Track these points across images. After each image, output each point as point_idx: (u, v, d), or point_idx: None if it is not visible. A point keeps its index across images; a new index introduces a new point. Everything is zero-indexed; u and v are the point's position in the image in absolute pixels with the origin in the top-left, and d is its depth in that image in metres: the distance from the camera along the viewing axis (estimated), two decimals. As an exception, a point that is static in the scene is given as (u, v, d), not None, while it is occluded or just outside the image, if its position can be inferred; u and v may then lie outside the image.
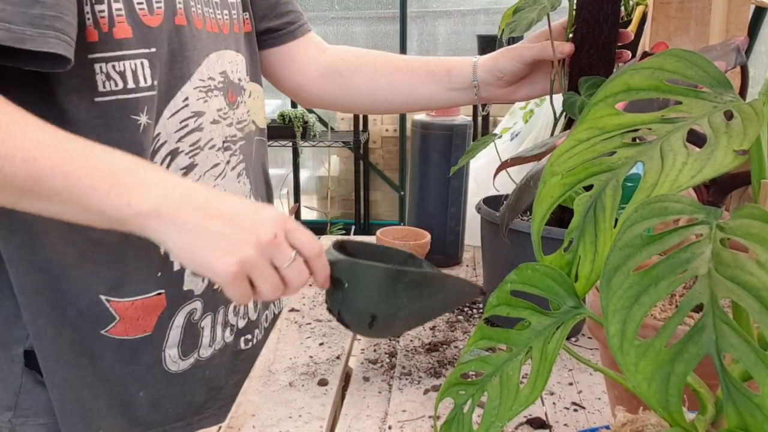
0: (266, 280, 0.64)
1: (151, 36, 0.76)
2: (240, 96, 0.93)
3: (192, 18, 0.83)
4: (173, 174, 0.74)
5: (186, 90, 0.82)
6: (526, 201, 0.73)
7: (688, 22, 1.08)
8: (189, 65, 0.82)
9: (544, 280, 0.42)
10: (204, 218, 0.62)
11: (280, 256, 0.64)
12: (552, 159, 0.42)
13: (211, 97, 0.86)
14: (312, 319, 1.04)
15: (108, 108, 0.75)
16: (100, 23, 0.72)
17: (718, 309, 0.31)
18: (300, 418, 0.77)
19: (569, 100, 0.90)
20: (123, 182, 0.62)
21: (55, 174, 0.61)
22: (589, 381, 0.85)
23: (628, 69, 0.40)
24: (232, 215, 0.63)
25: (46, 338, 0.78)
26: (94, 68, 0.73)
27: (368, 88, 1.04)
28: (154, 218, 0.62)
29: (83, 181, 0.61)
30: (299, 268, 0.66)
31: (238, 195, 0.92)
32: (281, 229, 0.65)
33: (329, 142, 3.71)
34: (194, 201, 0.63)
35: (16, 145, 0.60)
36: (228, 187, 0.90)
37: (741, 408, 0.31)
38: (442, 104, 1.03)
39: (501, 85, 0.98)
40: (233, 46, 0.92)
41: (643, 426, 0.48)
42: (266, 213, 0.66)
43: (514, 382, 0.41)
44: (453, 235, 1.24)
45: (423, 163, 1.21)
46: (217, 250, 0.62)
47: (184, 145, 0.82)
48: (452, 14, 3.85)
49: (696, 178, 0.34)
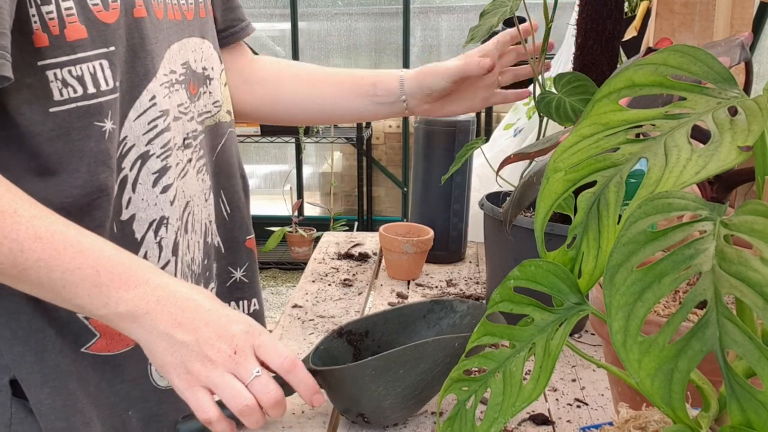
0: (224, 389, 0.65)
1: (109, 33, 0.70)
2: (204, 86, 0.88)
3: (152, 8, 0.77)
4: (157, 271, 0.68)
5: (152, 87, 0.76)
6: (529, 197, 0.73)
7: (692, 18, 1.07)
8: (153, 60, 0.76)
9: (548, 276, 0.42)
10: (172, 326, 0.65)
11: (240, 371, 0.65)
12: (555, 155, 0.42)
13: (173, 92, 0.81)
14: (315, 315, 1.04)
15: (67, 117, 0.69)
16: (50, 26, 0.66)
17: (721, 305, 0.31)
18: (303, 414, 0.77)
19: (544, 99, 0.89)
20: (104, 282, 0.64)
21: (39, 267, 0.62)
22: (592, 377, 0.85)
23: (632, 65, 0.40)
24: (200, 327, 0.65)
25: (26, 366, 0.72)
26: (47, 76, 0.67)
27: (292, 100, 1.01)
28: (128, 320, 0.65)
29: (66, 277, 0.63)
30: (262, 382, 0.65)
31: (197, 194, 0.87)
32: (247, 345, 0.66)
33: (332, 138, 3.71)
34: (169, 306, 0.65)
35: (5, 234, 0.61)
36: (188, 187, 0.84)
37: (744, 404, 0.31)
38: (371, 117, 1.02)
39: (430, 101, 0.98)
40: (197, 32, 0.86)
41: (647, 422, 0.48)
42: (235, 327, 0.67)
43: (517, 378, 0.41)
44: (456, 231, 1.24)
45: (426, 159, 1.21)
46: (175, 359, 0.65)
47: (155, 148, 0.77)
48: (455, 10, 3.84)
49: (700, 174, 0.34)
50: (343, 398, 0.72)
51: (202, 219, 0.88)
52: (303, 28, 3.87)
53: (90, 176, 0.70)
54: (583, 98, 0.87)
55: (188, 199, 0.83)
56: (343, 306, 1.07)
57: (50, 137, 0.68)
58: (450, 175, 1.09)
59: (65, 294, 0.64)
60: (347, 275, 1.20)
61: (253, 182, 4.16)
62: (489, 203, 0.99)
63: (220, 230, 0.94)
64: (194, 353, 0.65)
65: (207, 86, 0.88)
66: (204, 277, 0.90)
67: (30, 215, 0.63)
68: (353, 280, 1.18)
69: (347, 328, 0.79)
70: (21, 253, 0.61)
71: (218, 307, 0.68)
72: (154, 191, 0.77)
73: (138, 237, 0.76)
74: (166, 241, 0.78)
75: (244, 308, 1.00)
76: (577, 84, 0.88)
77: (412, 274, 1.18)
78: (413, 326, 0.82)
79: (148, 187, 0.76)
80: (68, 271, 0.63)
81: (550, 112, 0.88)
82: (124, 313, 0.65)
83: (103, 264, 0.65)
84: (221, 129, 0.92)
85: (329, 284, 1.16)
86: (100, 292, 0.64)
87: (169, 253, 0.79)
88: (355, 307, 1.07)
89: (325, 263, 1.26)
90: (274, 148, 4.06)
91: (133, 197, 0.75)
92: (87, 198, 0.71)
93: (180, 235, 0.81)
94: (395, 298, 1.11)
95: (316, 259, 1.29)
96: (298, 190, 4.00)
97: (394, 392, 0.70)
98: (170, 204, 0.79)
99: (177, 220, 0.80)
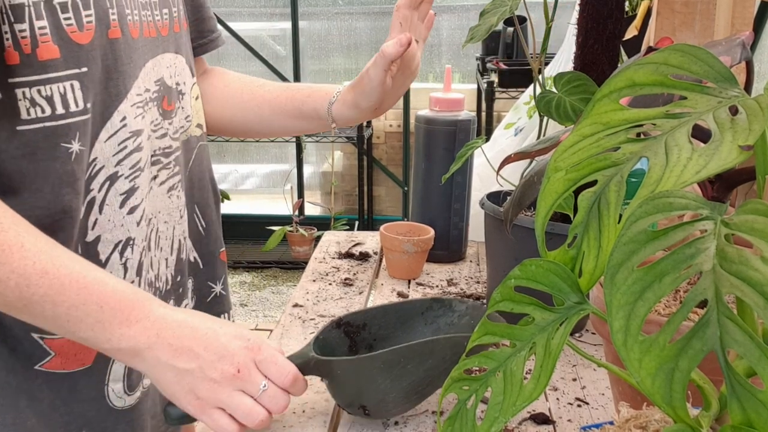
0: (237, 409, 0.66)
1: (82, 54, 0.69)
2: (179, 101, 0.86)
3: (127, 28, 0.76)
4: (155, 301, 0.69)
5: (123, 108, 0.75)
6: (530, 196, 0.73)
7: (693, 17, 1.07)
8: (125, 80, 0.75)
9: (548, 275, 0.42)
10: (174, 356, 0.66)
11: (248, 387, 0.67)
12: (556, 154, 0.42)
13: (147, 111, 0.79)
14: (315, 314, 1.04)
15: (33, 137, 0.67)
16: (21, 44, 0.65)
17: (722, 305, 0.31)
18: (303, 413, 0.77)
19: (544, 98, 0.89)
20: (107, 319, 0.65)
21: (45, 302, 0.63)
22: (592, 377, 0.85)
23: (633, 64, 0.40)
24: (200, 352, 0.66)
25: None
26: (15, 94, 0.66)
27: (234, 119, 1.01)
28: (130, 354, 0.66)
29: (71, 312, 0.64)
30: (272, 395, 0.67)
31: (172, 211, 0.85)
32: (249, 360, 0.67)
33: (333, 138, 3.70)
34: (168, 337, 0.66)
35: (12, 269, 0.61)
36: (155, 205, 0.82)
37: (745, 404, 0.31)
38: (316, 131, 1.01)
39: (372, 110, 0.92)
40: (172, 47, 0.85)
41: (647, 422, 0.48)
42: (234, 345, 0.67)
43: (517, 377, 0.41)
44: (456, 230, 1.24)
45: (426, 159, 1.21)
46: (182, 387, 0.66)
47: (123, 169, 0.76)
48: (456, 9, 3.84)
49: (701, 173, 0.34)
50: (347, 390, 0.72)
51: (175, 236, 0.87)
52: (303, 27, 3.87)
53: (54, 197, 0.69)
54: (583, 98, 0.87)
55: (151, 216, 0.81)
56: (343, 305, 1.07)
57: (15, 156, 0.67)
58: (451, 174, 1.09)
59: (69, 327, 0.65)
60: (348, 274, 1.20)
61: (254, 182, 4.16)
62: (490, 202, 0.99)
63: (196, 245, 0.92)
64: (199, 379, 0.66)
65: (179, 101, 0.87)
66: (175, 293, 0.88)
67: (36, 249, 0.63)
68: (354, 279, 1.18)
69: (345, 319, 0.80)
70: (27, 288, 0.62)
71: (215, 326, 0.69)
72: (121, 212, 0.76)
73: (102, 258, 0.75)
74: (131, 261, 0.77)
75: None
76: (578, 83, 0.88)
77: (412, 273, 1.18)
78: (411, 322, 0.82)
79: (116, 209, 0.75)
80: (73, 306, 0.64)
81: (550, 111, 0.88)
82: (126, 349, 0.66)
83: (107, 300, 0.65)
84: (192, 143, 0.91)
85: (330, 283, 1.16)
86: (103, 329, 0.65)
87: (133, 274, 0.78)
88: (356, 306, 1.07)
89: (326, 262, 1.26)
90: (274, 147, 4.06)
91: (99, 218, 0.74)
92: (49, 219, 0.69)
93: (144, 255, 0.79)
94: (396, 297, 1.11)
95: (317, 258, 1.29)
96: (299, 189, 4.00)
97: (399, 386, 0.70)
98: (137, 225, 0.77)
99: (143, 240, 0.79)
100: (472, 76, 3.83)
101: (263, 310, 3.26)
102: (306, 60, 3.92)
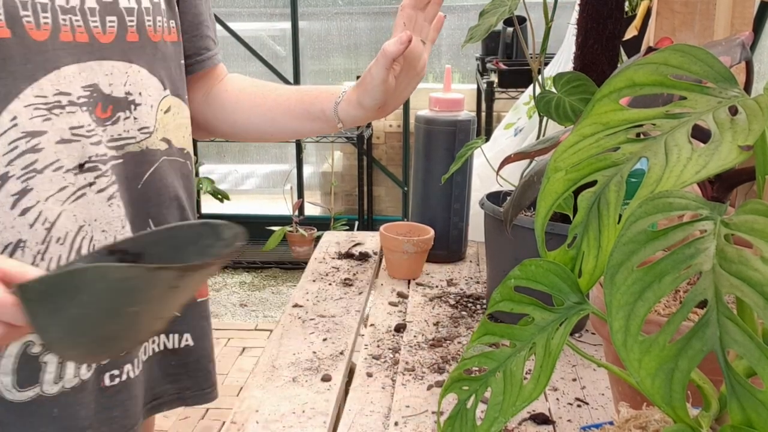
0: None
1: None
2: (126, 111, 0.85)
3: (23, 28, 0.74)
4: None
5: (14, 108, 0.74)
6: (530, 196, 0.73)
7: (693, 17, 1.07)
8: (16, 81, 0.74)
9: (548, 275, 0.42)
10: None
11: None
12: (556, 155, 0.42)
13: (60, 115, 0.78)
14: (315, 314, 1.04)
15: None
16: None
17: (722, 305, 0.31)
18: (303, 413, 0.77)
19: (544, 98, 0.89)
20: None
21: None
22: (592, 377, 0.85)
23: (633, 64, 0.40)
24: None
25: None
26: None
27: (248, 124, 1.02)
28: None
29: None
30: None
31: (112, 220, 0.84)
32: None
33: (332, 138, 3.70)
34: None
35: None
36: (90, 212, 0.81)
37: (745, 404, 0.31)
38: (324, 132, 1.02)
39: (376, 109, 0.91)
40: (118, 56, 0.83)
41: (647, 422, 0.48)
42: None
43: (517, 377, 0.41)
44: (456, 230, 1.24)
45: (426, 159, 1.21)
46: None
47: (14, 169, 0.75)
48: (456, 9, 3.84)
49: (700, 173, 0.34)
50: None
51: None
52: (303, 27, 3.87)
53: None
54: (582, 98, 0.87)
55: (81, 223, 0.80)
56: (343, 305, 1.07)
57: None
58: (450, 174, 1.09)
59: None
60: (348, 275, 1.20)
61: (254, 182, 4.16)
62: (489, 203, 0.99)
63: None
64: None
65: (131, 111, 0.85)
66: None
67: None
68: (354, 279, 1.18)
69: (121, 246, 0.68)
70: None
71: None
72: (12, 213, 0.75)
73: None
74: None
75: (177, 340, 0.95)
76: (577, 83, 0.88)
77: (412, 273, 1.18)
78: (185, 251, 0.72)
79: (6, 210, 0.74)
80: None
81: (549, 111, 0.88)
82: None
83: None
84: (150, 156, 0.89)
85: (330, 284, 1.16)
86: None
87: None
88: (356, 306, 1.07)
89: (326, 263, 1.26)
90: (274, 147, 4.06)
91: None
92: None
93: (38, 259, 0.78)
94: (396, 297, 1.11)
95: (317, 258, 1.29)
96: (299, 189, 4.00)
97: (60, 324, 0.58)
98: (29, 227, 0.76)
99: (37, 243, 0.77)
100: (471, 77, 3.83)
101: (263, 311, 3.26)
102: (306, 60, 3.93)
